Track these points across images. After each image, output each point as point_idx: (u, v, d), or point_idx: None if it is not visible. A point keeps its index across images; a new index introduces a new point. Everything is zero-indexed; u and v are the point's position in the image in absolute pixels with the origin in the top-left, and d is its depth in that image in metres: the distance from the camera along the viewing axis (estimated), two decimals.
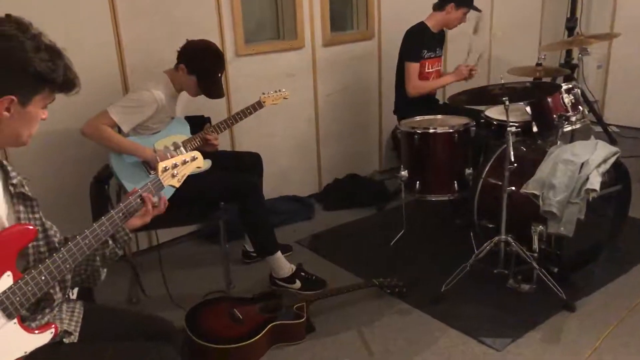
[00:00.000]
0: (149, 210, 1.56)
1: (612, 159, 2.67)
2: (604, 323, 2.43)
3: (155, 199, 1.57)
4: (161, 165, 1.59)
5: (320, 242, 3.34)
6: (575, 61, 4.95)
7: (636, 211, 3.20)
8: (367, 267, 2.99)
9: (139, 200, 1.53)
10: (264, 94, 2.86)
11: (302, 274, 2.82)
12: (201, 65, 2.63)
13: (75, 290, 1.73)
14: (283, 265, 2.79)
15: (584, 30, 5.07)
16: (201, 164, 1.66)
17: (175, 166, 1.60)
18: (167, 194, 1.72)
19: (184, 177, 1.63)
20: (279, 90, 2.91)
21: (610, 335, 2.35)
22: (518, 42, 4.83)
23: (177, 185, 1.63)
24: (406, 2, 3.97)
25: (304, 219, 3.67)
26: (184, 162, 1.62)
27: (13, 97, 1.27)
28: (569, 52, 4.81)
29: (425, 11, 3.54)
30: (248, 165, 2.99)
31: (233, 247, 3.12)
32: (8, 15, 1.29)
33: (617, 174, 2.79)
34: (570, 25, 4.83)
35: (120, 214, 1.49)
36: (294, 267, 2.81)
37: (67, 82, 1.35)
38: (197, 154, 1.67)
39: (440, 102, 3.82)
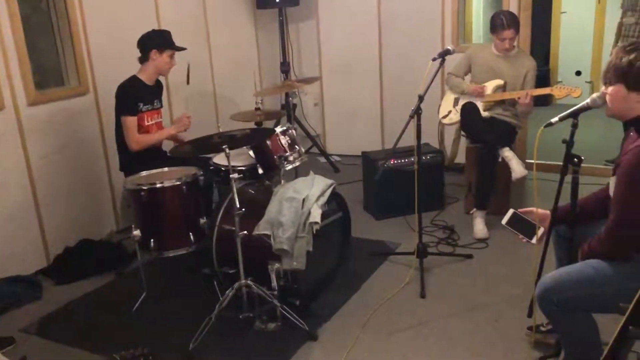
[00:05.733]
0: None
1: (329, 191, 2.92)
2: (343, 345, 2.60)
3: None
4: None
5: (52, 325, 2.95)
6: (294, 101, 5.40)
7: (358, 231, 3.56)
8: (109, 341, 2.74)
9: None
10: None
11: None
12: None
13: None
14: None
15: (298, 73, 5.59)
16: None
17: None
18: None
19: None
20: None
21: (349, 355, 2.53)
22: (241, 87, 5.04)
23: None
24: (119, 54, 3.81)
25: (31, 300, 3.21)
26: None
27: None
28: (287, 94, 5.20)
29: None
30: None
31: None
32: None
33: (336, 202, 3.06)
34: (284, 69, 5.25)
35: None
36: None
37: None
38: None
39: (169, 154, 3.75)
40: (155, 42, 3.37)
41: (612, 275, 1.91)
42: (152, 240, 2.90)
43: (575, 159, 2.12)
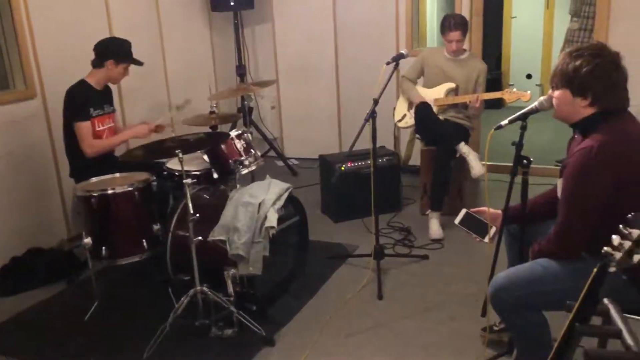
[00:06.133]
0: None
1: (285, 195, 2.90)
2: (301, 350, 2.59)
3: None
4: None
5: None
6: (251, 104, 5.36)
7: (315, 234, 3.54)
8: (60, 352, 2.65)
9: None
10: None
11: None
12: None
13: None
14: None
15: (254, 76, 5.55)
16: None
17: None
18: None
19: None
20: None
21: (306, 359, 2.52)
22: (195, 91, 4.96)
23: None
24: (68, 56, 3.71)
25: None
26: None
27: None
28: (243, 97, 5.15)
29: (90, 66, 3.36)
30: None
31: None
32: None
33: (293, 206, 3.05)
34: (240, 72, 5.20)
35: None
36: None
37: None
38: None
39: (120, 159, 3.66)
40: (114, 52, 3.27)
41: (561, 274, 1.96)
42: (103, 247, 2.82)
43: (525, 161, 2.18)
